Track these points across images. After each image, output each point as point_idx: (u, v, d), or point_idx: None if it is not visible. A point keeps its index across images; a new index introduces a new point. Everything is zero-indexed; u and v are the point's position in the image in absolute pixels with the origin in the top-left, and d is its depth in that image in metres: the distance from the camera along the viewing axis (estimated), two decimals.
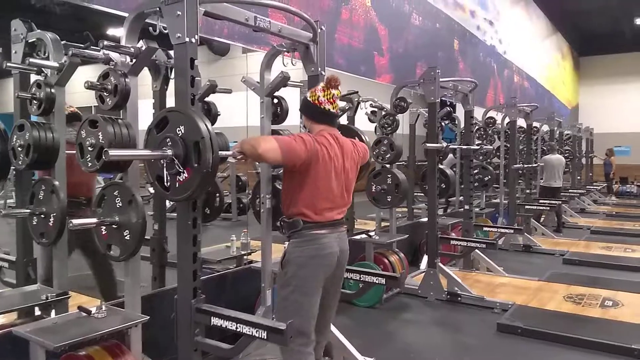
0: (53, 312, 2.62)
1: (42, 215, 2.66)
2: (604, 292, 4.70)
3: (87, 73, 2.64)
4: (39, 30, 2.74)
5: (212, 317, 2.14)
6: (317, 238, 2.36)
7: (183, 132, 2.03)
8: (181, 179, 2.07)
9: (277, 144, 2.22)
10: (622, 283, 5.10)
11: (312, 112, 2.50)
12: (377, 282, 2.85)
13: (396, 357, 3.39)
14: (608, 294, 4.67)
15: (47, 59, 2.68)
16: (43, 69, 2.69)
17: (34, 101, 2.67)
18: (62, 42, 2.70)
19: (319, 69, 2.97)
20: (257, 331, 2.00)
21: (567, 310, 4.27)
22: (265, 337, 1.98)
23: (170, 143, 2.05)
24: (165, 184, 2.12)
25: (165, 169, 2.09)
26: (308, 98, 2.50)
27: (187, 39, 2.11)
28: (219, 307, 2.27)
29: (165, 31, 2.21)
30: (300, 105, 2.59)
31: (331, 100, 2.45)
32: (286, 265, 2.38)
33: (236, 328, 2.06)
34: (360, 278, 2.92)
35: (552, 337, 3.65)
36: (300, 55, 3.01)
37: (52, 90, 2.62)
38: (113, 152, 1.91)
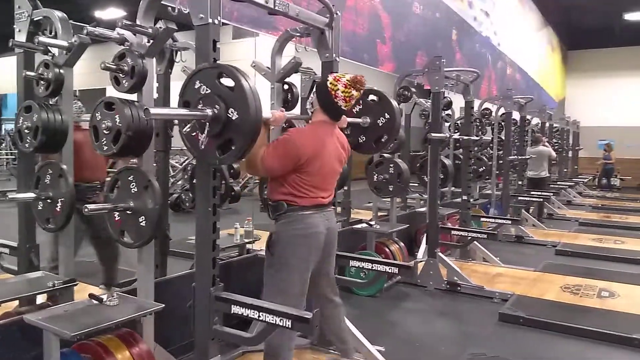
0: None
1: (49, 200, 2.58)
2: (600, 283, 4.77)
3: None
4: (45, 8, 2.64)
5: (232, 305, 2.10)
6: (303, 218, 2.42)
7: (237, 115, 1.93)
8: (199, 139, 2.02)
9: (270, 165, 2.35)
10: (616, 274, 5.18)
11: (324, 99, 2.49)
12: (390, 271, 2.83)
13: (402, 346, 3.39)
14: (604, 284, 4.74)
15: (54, 38, 2.58)
16: (50, 48, 2.59)
17: (41, 82, 2.57)
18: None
19: (334, 55, 2.92)
20: (281, 320, 1.96)
21: (566, 300, 4.32)
22: (289, 326, 1.94)
23: (217, 111, 1.94)
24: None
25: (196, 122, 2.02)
26: (328, 84, 2.47)
27: (211, 20, 2.05)
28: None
29: (186, 11, 2.14)
30: (318, 85, 2.55)
31: (347, 99, 2.45)
32: (273, 246, 2.45)
33: (258, 316, 2.03)
34: (372, 267, 2.90)
35: (554, 327, 3.69)
36: (314, 41, 2.96)
37: (61, 71, 2.53)
38: (154, 111, 1.85)
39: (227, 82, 1.97)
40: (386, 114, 2.98)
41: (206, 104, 1.97)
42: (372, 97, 3.05)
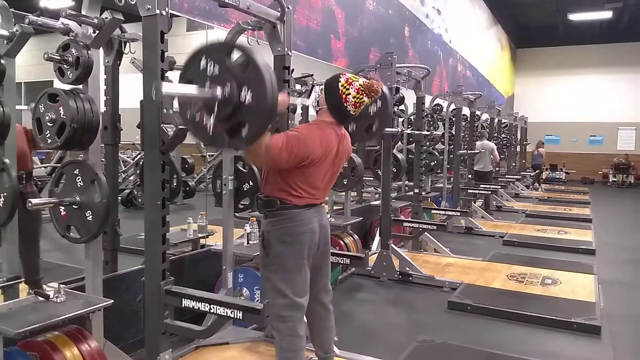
0: None
1: None
2: (544, 271, 5.01)
3: None
4: None
5: (183, 299, 2.10)
6: (296, 215, 2.31)
7: (249, 99, 1.76)
8: (205, 122, 1.87)
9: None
10: (559, 263, 5.44)
11: (332, 102, 2.37)
12: (342, 262, 2.89)
13: (355, 336, 3.45)
14: (547, 272, 4.97)
15: None
16: None
17: None
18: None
19: (286, 49, 2.94)
20: (232, 312, 1.98)
21: (511, 288, 4.51)
22: (240, 318, 1.96)
23: (228, 91, 1.78)
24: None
25: (203, 100, 1.85)
26: (339, 84, 2.34)
27: (158, 11, 2.03)
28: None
29: (133, 2, 2.11)
30: (328, 85, 2.40)
31: (358, 104, 2.35)
32: (267, 246, 2.34)
33: (209, 309, 2.03)
34: None
35: (500, 314, 3.86)
36: (266, 34, 2.96)
37: (2, 62, 2.44)
38: (166, 89, 1.71)
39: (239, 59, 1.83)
40: (378, 102, 2.95)
41: (215, 83, 1.82)
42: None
